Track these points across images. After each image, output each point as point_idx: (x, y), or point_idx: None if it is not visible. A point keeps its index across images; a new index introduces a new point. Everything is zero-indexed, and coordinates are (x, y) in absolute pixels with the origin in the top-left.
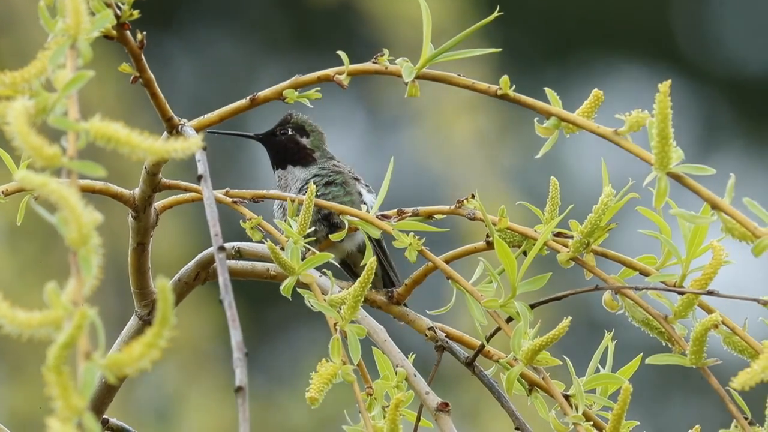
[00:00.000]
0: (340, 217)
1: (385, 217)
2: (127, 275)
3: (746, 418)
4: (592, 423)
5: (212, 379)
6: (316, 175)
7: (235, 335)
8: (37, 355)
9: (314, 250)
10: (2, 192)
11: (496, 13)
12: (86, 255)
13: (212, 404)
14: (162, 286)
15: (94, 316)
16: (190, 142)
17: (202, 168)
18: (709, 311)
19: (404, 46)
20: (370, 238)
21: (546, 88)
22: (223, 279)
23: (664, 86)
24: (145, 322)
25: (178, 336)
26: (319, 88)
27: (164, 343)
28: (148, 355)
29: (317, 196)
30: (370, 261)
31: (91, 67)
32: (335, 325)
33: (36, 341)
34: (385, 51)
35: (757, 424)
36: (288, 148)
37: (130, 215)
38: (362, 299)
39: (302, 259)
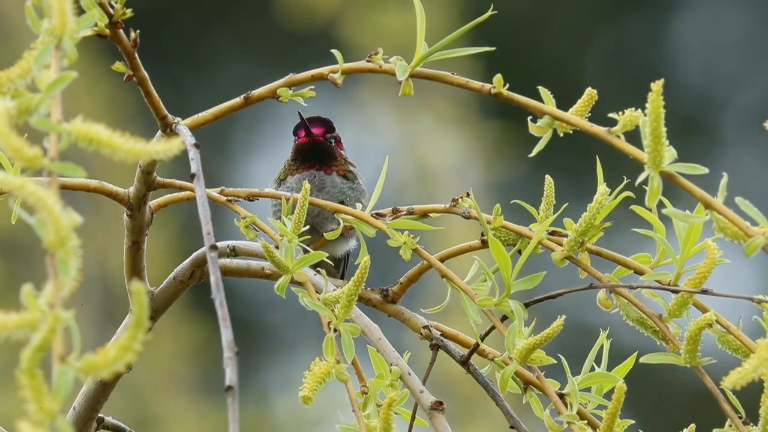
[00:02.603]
0: (335, 215)
1: (380, 216)
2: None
3: (740, 418)
4: (586, 422)
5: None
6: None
7: (226, 334)
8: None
9: (310, 249)
10: None
11: (490, 12)
12: (64, 257)
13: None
14: (137, 289)
15: (69, 319)
16: (172, 144)
17: (195, 166)
18: (704, 310)
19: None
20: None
21: (539, 87)
22: (214, 278)
23: (657, 85)
24: None
25: (167, 338)
26: (313, 87)
27: (139, 346)
28: (123, 357)
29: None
30: (364, 260)
31: (94, 67)
32: (329, 323)
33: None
34: (380, 50)
35: (752, 424)
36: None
37: (125, 214)
38: (356, 298)
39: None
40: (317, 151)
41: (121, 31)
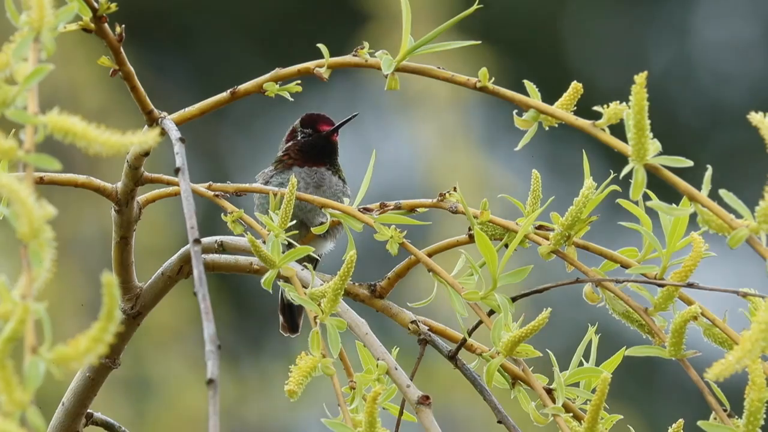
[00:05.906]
0: (323, 210)
1: (367, 210)
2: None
3: (725, 410)
4: (572, 415)
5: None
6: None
7: (208, 327)
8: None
9: (296, 244)
10: None
11: (476, 5)
12: (37, 248)
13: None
14: (108, 281)
15: (41, 310)
16: (147, 136)
17: (179, 161)
18: (689, 303)
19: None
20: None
21: (525, 81)
22: (198, 272)
23: (641, 78)
24: (129, 315)
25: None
26: (299, 81)
27: (110, 338)
28: (94, 349)
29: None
30: (350, 254)
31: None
32: (315, 318)
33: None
34: (365, 44)
35: (736, 416)
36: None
37: (113, 209)
38: (342, 292)
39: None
40: (326, 150)
41: (106, 25)
